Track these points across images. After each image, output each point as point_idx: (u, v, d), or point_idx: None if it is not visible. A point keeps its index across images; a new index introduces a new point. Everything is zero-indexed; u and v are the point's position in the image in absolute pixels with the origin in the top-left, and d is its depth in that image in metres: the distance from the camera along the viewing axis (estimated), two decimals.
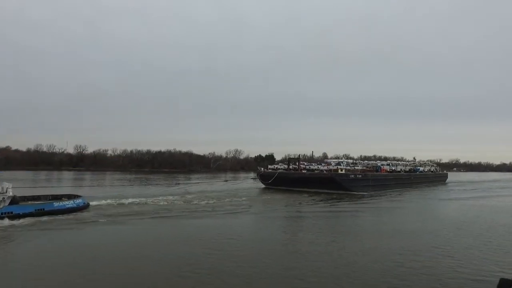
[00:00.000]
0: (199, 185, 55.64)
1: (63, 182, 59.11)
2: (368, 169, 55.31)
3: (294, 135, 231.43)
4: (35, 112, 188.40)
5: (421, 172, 70.06)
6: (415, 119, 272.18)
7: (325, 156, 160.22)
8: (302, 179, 45.36)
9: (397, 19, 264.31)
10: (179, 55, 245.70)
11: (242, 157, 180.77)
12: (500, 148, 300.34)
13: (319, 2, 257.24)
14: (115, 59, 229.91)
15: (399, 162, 68.22)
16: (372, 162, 64.36)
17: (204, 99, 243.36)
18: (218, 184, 56.45)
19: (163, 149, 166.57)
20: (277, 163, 74.62)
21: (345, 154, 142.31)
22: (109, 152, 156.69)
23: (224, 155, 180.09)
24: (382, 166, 57.44)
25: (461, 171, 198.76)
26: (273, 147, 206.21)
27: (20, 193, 28.09)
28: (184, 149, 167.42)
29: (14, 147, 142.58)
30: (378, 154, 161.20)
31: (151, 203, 31.54)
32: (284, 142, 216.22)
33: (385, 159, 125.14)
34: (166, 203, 31.89)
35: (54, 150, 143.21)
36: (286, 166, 51.50)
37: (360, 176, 46.48)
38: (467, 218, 28.07)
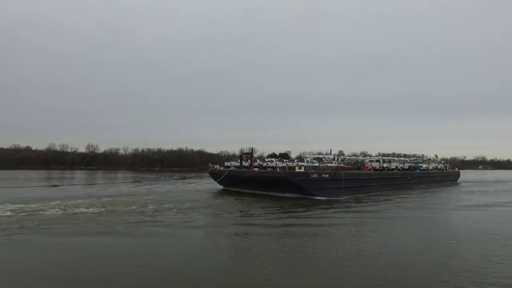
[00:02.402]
0: (175, 185, 51.43)
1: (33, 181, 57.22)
2: (346, 167, 47.80)
3: (310, 133, 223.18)
4: (56, 113, 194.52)
5: (423, 170, 60.84)
6: (437, 116, 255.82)
7: (341, 153, 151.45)
8: (252, 179, 39.10)
9: (412, 15, 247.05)
10: (194, 54, 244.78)
11: (255, 155, 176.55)
12: None
13: None
14: (132, 60, 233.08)
15: (394, 158, 59.47)
16: (354, 158, 56.07)
17: (218, 98, 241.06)
18: (185, 185, 51.87)
19: (174, 147, 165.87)
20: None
21: (363, 152, 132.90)
22: (121, 151, 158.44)
23: (237, 153, 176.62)
24: (365, 163, 49.46)
25: (487, 169, 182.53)
26: (289, 145, 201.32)
27: None
28: (196, 148, 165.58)
29: (34, 147, 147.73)
30: (398, 151, 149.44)
31: (56, 207, 27.28)
32: (301, 140, 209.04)
33: (405, 156, 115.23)
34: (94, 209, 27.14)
35: (66, 150, 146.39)
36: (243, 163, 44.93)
37: (328, 175, 39.41)
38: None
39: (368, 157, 58.01)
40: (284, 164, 39.65)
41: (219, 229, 19.63)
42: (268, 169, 41.20)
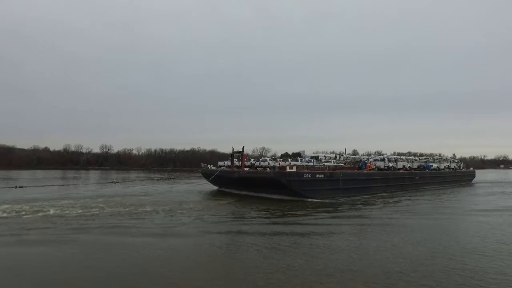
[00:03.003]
0: (174, 184, 50.27)
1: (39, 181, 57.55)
2: (346, 166, 45.07)
3: (325, 133, 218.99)
4: (73, 115, 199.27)
5: (434, 169, 57.01)
6: (457, 114, 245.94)
7: (355, 153, 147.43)
8: (242, 180, 37.28)
9: (430, 12, 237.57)
10: (206, 54, 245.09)
11: (269, 155, 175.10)
12: None
13: None
14: (148, 61, 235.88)
15: (401, 157, 56.00)
16: (358, 156, 52.97)
17: (232, 98, 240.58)
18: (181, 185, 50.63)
19: (187, 147, 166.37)
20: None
21: (377, 151, 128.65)
22: (134, 151, 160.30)
23: (250, 153, 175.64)
24: (367, 162, 46.44)
25: (510, 169, 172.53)
26: (303, 145, 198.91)
27: None
28: (208, 147, 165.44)
29: (52, 148, 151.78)
30: (414, 150, 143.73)
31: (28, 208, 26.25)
32: (316, 139, 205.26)
33: (421, 155, 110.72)
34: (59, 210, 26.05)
35: (81, 150, 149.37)
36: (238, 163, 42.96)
37: (323, 176, 36.96)
38: None
39: (373, 156, 54.93)
40: (277, 164, 37.43)
41: (182, 239, 17.54)
42: (258, 169, 39.19)
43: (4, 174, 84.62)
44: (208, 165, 47.57)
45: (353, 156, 50.90)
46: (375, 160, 49.61)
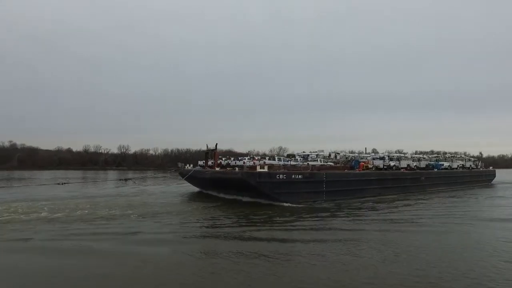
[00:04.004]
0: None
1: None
2: (335, 166, 40.89)
3: (346, 132, 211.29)
4: (92, 115, 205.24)
5: (445, 168, 51.18)
6: (481, 112, 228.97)
7: (374, 152, 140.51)
8: (214, 181, 34.50)
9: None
10: (227, 56, 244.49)
11: (285, 154, 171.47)
12: None
13: None
14: (165, 62, 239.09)
15: (405, 155, 50.42)
16: (352, 155, 48.07)
17: (248, 97, 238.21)
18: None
19: (203, 148, 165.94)
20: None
21: (398, 150, 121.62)
22: (151, 151, 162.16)
23: (267, 152, 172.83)
24: (360, 161, 41.96)
25: None
26: (322, 144, 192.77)
27: None
28: (225, 147, 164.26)
29: (74, 149, 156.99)
30: (437, 149, 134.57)
31: None
32: (334, 139, 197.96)
33: (444, 154, 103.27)
34: None
35: (100, 151, 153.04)
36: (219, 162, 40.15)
37: (301, 177, 33.39)
38: None
39: (373, 154, 50.14)
40: (251, 163, 34.28)
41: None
42: (228, 169, 36.20)
43: (18, 174, 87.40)
44: (186, 165, 45.17)
45: (351, 155, 46.47)
46: (373, 159, 45.10)
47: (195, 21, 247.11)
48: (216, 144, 37.83)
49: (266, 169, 31.56)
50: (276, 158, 38.72)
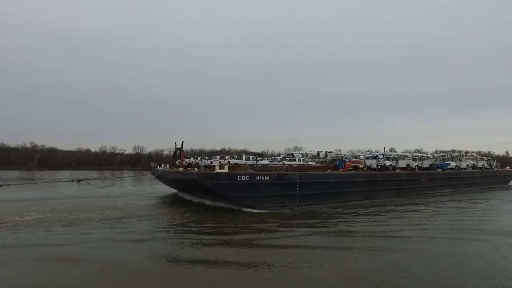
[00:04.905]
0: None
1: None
2: (316, 166, 36.86)
3: (366, 131, 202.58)
4: (111, 117, 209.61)
5: (452, 169, 45.53)
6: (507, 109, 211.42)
7: (392, 151, 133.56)
8: (175, 182, 31.88)
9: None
10: (243, 56, 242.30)
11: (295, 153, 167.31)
12: None
13: None
14: (180, 64, 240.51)
15: (405, 154, 45.24)
16: (339, 154, 43.42)
17: (264, 97, 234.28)
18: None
19: (217, 148, 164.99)
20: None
21: (417, 149, 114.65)
22: (165, 152, 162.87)
23: (283, 152, 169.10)
24: (347, 160, 37.67)
25: None
26: (338, 143, 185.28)
27: None
28: (240, 147, 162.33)
29: (93, 150, 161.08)
30: (460, 148, 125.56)
31: None
32: (351, 139, 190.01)
33: (466, 153, 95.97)
34: None
35: (116, 151, 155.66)
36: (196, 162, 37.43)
37: (267, 178, 29.90)
38: None
39: (368, 153, 45.50)
40: (216, 162, 31.17)
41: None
42: (189, 169, 33.34)
43: (27, 175, 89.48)
44: (158, 165, 42.89)
45: (342, 154, 42.22)
46: (366, 158, 40.73)
47: (212, 24, 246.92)
48: (182, 142, 35.33)
49: (226, 170, 28.50)
50: (244, 157, 35.47)
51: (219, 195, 27.99)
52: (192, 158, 42.48)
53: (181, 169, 33.49)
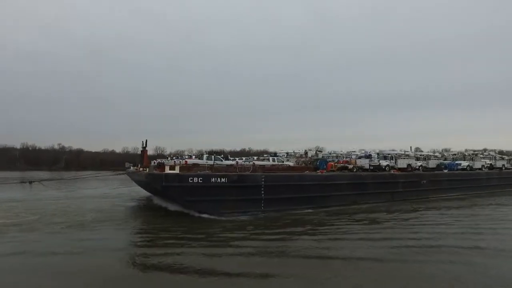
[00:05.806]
0: None
1: None
2: (292, 166, 32.94)
3: (388, 131, 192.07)
4: (137, 118, 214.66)
5: (463, 169, 39.53)
6: None
7: (417, 150, 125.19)
8: (137, 183, 29.61)
9: None
10: (268, 58, 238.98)
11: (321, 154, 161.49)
12: None
13: None
14: (206, 67, 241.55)
15: (406, 152, 39.66)
16: (325, 154, 38.85)
17: (285, 98, 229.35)
18: None
19: (237, 148, 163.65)
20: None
21: (445, 149, 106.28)
22: (186, 152, 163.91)
23: (302, 151, 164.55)
24: (329, 160, 33.41)
25: None
26: (367, 143, 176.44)
27: None
28: (260, 148, 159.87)
29: (117, 151, 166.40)
30: (490, 147, 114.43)
31: None
32: (375, 138, 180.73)
33: (500, 152, 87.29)
34: None
35: (138, 152, 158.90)
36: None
37: (225, 180, 26.77)
38: None
39: (363, 152, 40.63)
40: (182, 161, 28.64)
41: None
42: (141, 170, 30.88)
43: (46, 175, 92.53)
44: (133, 166, 40.91)
45: (330, 153, 38.10)
46: (360, 157, 36.32)
47: (237, 26, 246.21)
48: (146, 140, 33.25)
49: (177, 170, 25.81)
50: (204, 157, 32.45)
51: (169, 198, 25.41)
52: (168, 158, 40.28)
53: (144, 169, 31.40)
